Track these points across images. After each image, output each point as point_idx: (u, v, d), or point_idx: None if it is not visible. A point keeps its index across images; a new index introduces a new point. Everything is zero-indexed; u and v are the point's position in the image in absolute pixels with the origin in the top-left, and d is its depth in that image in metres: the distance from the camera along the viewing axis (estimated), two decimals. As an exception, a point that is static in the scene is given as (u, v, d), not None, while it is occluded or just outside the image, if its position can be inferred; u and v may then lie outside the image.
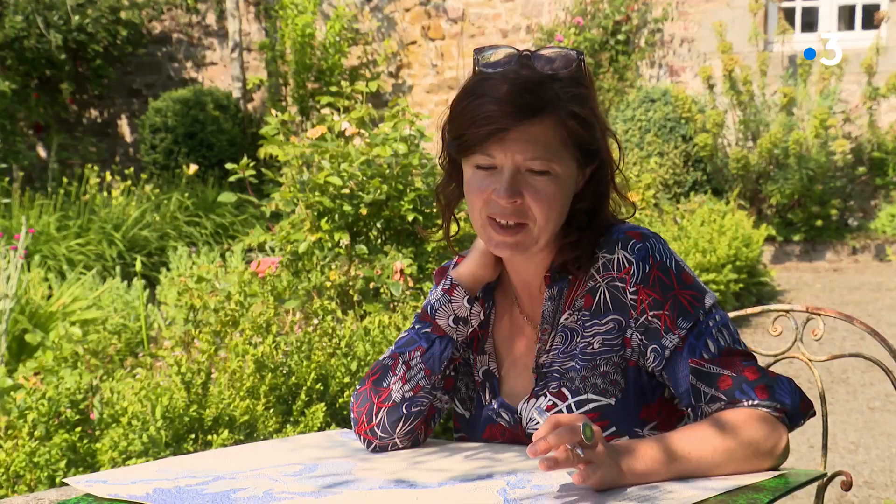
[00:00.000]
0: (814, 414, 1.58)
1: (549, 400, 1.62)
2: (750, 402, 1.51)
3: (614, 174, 1.65)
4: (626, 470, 1.39)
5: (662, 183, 8.48)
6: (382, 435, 1.71)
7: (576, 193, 1.61)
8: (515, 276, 1.71)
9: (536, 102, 1.51)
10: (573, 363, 1.62)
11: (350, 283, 4.41)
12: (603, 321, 1.61)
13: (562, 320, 1.65)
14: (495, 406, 1.70)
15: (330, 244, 4.66)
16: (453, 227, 1.77)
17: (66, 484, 1.59)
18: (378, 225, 4.79)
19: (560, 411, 1.59)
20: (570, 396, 1.60)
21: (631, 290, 1.58)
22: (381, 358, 1.75)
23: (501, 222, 1.58)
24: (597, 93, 1.63)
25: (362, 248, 4.56)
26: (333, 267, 4.50)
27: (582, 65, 1.57)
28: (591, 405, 1.59)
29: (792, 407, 1.53)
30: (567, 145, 1.55)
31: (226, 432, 2.78)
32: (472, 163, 1.58)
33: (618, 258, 1.60)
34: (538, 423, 1.61)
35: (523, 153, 1.53)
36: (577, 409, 1.59)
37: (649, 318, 1.57)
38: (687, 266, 1.62)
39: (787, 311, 1.99)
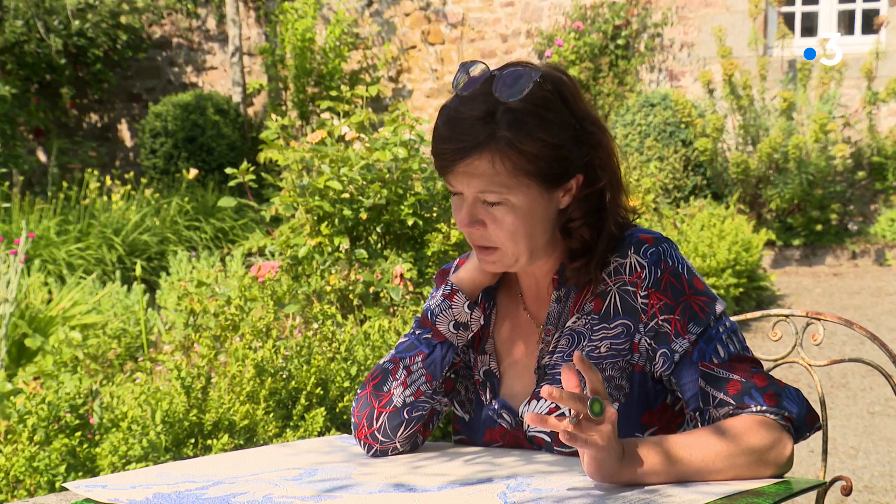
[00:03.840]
0: (819, 427, 1.58)
1: (552, 402, 1.62)
2: (758, 408, 1.51)
3: (616, 184, 1.63)
4: (625, 466, 1.40)
5: (662, 187, 8.48)
6: (383, 439, 1.71)
7: (562, 209, 1.61)
8: (524, 276, 1.71)
9: (473, 140, 1.52)
10: (578, 367, 1.62)
11: (350, 288, 4.41)
12: (612, 325, 1.61)
13: (569, 324, 1.65)
14: (496, 407, 1.70)
15: (330, 249, 4.66)
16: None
17: (66, 489, 1.59)
18: (378, 229, 4.79)
19: (563, 414, 1.59)
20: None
21: (642, 293, 1.59)
22: (380, 362, 1.75)
23: (476, 244, 1.61)
24: (577, 106, 1.59)
25: (362, 253, 4.56)
26: (333, 271, 4.50)
27: (542, 87, 1.55)
28: (594, 409, 1.59)
29: (799, 417, 1.53)
30: (516, 174, 1.54)
31: (226, 437, 2.78)
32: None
33: (630, 262, 1.60)
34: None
35: (472, 186, 1.56)
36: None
37: (660, 322, 1.58)
38: (697, 272, 1.62)
39: (786, 316, 1.99)
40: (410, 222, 4.60)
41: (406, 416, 1.70)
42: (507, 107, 1.53)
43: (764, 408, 1.51)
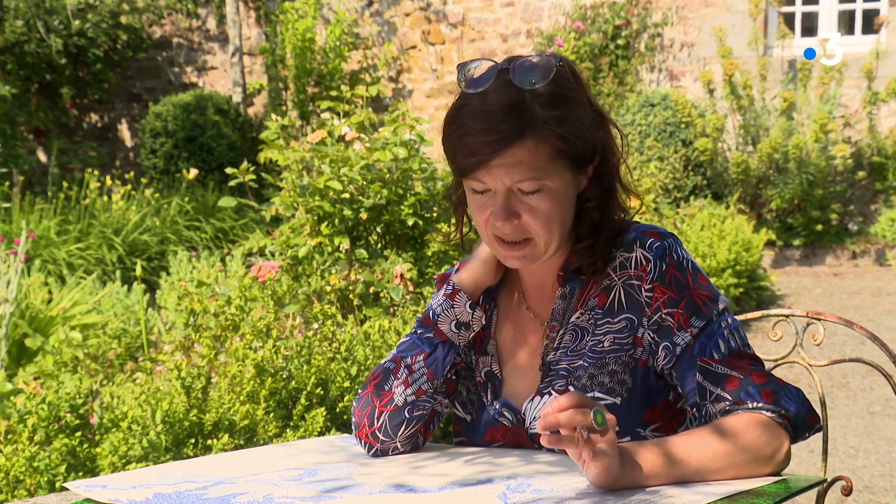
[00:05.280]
0: (820, 428, 1.58)
1: (555, 398, 1.62)
2: (754, 405, 1.51)
3: (618, 166, 1.65)
4: (627, 470, 1.40)
5: (662, 187, 8.48)
6: (384, 438, 1.71)
7: (580, 193, 1.62)
8: (528, 274, 1.71)
9: (513, 128, 1.51)
10: (581, 361, 1.63)
11: (350, 288, 4.41)
12: (615, 320, 1.62)
13: (573, 319, 1.65)
14: (497, 406, 1.70)
15: (330, 249, 4.66)
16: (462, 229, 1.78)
17: (66, 489, 1.59)
18: (378, 229, 4.79)
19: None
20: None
21: (647, 287, 1.59)
22: (381, 362, 1.76)
23: (506, 239, 1.59)
24: (587, 89, 1.62)
25: (362, 253, 4.56)
26: (333, 271, 4.50)
27: (564, 70, 1.57)
28: (597, 404, 1.59)
29: (797, 416, 1.53)
30: (555, 158, 1.54)
31: (226, 437, 2.78)
32: (468, 186, 1.60)
33: (636, 256, 1.61)
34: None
35: (511, 177, 1.54)
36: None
37: (663, 315, 1.58)
38: (701, 268, 1.63)
39: (787, 316, 1.99)
40: (410, 222, 4.60)
41: (407, 416, 1.70)
42: (535, 92, 1.53)
43: (760, 405, 1.51)
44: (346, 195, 4.64)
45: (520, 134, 1.51)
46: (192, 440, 2.83)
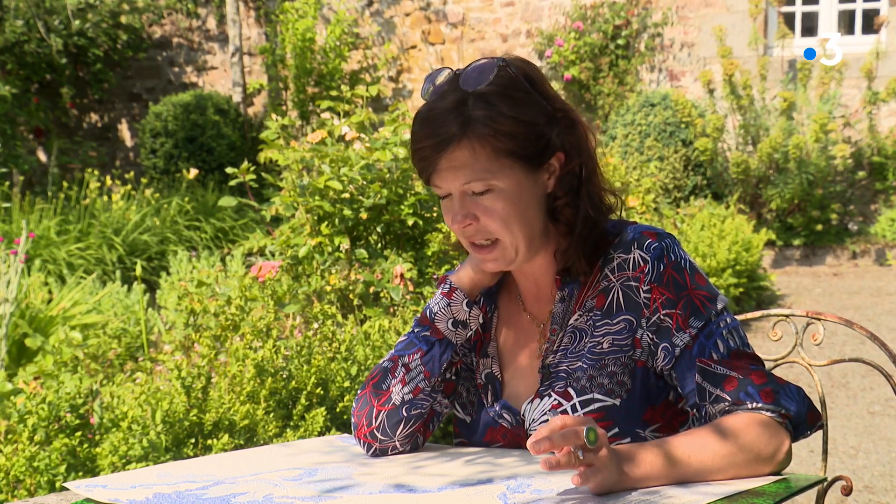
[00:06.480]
0: (821, 426, 1.58)
1: (554, 399, 1.62)
2: (753, 405, 1.51)
3: (591, 164, 1.64)
4: (626, 473, 1.40)
5: (662, 187, 8.48)
6: (382, 438, 1.71)
7: (549, 193, 1.62)
8: (523, 277, 1.71)
9: (448, 130, 1.55)
10: (580, 363, 1.62)
11: (350, 288, 4.41)
12: (614, 321, 1.62)
13: (571, 321, 1.65)
14: (497, 408, 1.71)
15: (330, 248, 4.66)
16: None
17: (66, 489, 1.59)
18: (378, 229, 4.79)
19: (564, 411, 1.60)
20: (575, 396, 1.61)
21: (645, 288, 1.59)
22: (380, 362, 1.76)
23: (475, 242, 1.62)
24: (546, 88, 1.63)
25: (362, 253, 4.56)
26: (333, 271, 4.50)
27: (507, 70, 1.58)
28: (596, 405, 1.59)
29: (797, 415, 1.53)
30: (498, 157, 1.56)
31: (226, 437, 2.78)
32: (435, 193, 1.64)
33: (633, 257, 1.61)
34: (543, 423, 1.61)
35: (457, 179, 1.57)
36: (582, 409, 1.59)
37: (661, 316, 1.58)
38: (700, 268, 1.63)
39: (787, 316, 1.99)
40: (410, 222, 4.60)
41: (405, 414, 1.70)
42: (477, 94, 1.56)
43: (760, 405, 1.51)
44: (346, 195, 4.64)
45: (458, 135, 1.55)
46: (192, 440, 2.83)
